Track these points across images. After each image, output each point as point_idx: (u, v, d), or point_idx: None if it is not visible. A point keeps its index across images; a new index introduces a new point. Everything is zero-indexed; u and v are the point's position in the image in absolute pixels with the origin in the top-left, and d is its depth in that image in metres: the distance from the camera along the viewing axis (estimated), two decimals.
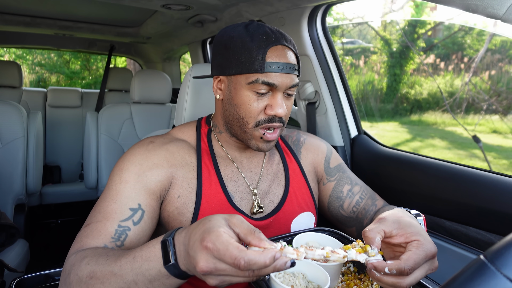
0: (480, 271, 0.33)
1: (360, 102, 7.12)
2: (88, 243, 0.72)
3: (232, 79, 0.85)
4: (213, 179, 0.90)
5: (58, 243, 2.81)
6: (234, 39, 0.83)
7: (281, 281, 0.65)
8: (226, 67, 0.84)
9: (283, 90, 0.84)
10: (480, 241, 1.05)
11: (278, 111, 0.82)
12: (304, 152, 1.06)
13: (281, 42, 0.83)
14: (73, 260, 0.69)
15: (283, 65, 0.81)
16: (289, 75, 0.83)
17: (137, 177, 0.80)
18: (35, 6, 2.18)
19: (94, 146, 2.30)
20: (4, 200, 1.90)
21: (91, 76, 8.94)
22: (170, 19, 2.14)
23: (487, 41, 6.05)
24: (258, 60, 0.80)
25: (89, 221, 0.76)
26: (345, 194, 1.05)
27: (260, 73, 0.80)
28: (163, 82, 2.40)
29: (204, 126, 0.98)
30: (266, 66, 0.80)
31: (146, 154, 0.85)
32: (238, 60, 0.81)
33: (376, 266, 0.61)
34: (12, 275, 1.40)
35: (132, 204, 0.77)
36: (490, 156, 5.14)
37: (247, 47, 0.80)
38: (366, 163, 1.48)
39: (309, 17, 1.50)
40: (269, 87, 0.82)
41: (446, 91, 6.51)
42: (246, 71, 0.81)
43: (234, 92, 0.84)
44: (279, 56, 0.81)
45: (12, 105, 2.03)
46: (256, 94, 0.82)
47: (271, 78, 0.80)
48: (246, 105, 0.83)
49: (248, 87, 0.82)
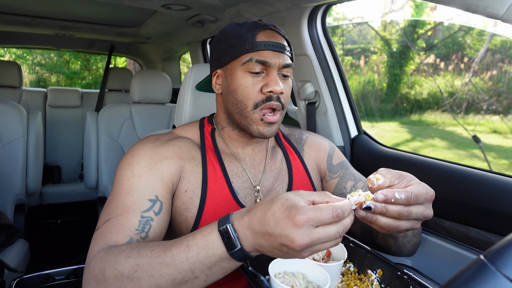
0: (480, 271, 0.33)
1: (360, 102, 7.12)
2: (114, 238, 0.70)
3: (227, 68, 0.88)
4: (218, 174, 0.90)
5: (58, 243, 2.81)
6: (226, 31, 0.89)
7: (281, 281, 0.65)
8: (221, 58, 0.88)
9: (277, 69, 0.86)
10: (480, 241, 1.05)
11: (274, 88, 0.83)
12: (307, 149, 1.07)
13: (270, 27, 0.87)
14: (105, 256, 0.65)
15: (274, 44, 0.84)
16: (281, 54, 0.85)
17: (149, 170, 0.81)
18: (35, 6, 2.18)
19: (94, 146, 2.30)
20: (4, 200, 1.90)
21: (91, 76, 8.94)
22: (170, 19, 2.14)
23: (487, 41, 6.05)
24: (248, 40, 0.83)
25: (107, 217, 0.74)
26: (349, 190, 1.05)
27: (252, 52, 0.83)
28: (163, 82, 2.40)
29: (207, 125, 1.00)
30: (257, 45, 0.83)
31: (155, 148, 0.86)
32: (231, 47, 0.85)
33: (386, 194, 0.60)
34: (12, 275, 1.40)
35: (150, 196, 0.77)
36: (490, 156, 5.14)
37: (238, 33, 0.85)
38: (366, 163, 1.48)
39: (309, 17, 1.50)
40: (262, 66, 0.84)
41: (446, 91, 6.51)
42: (238, 53, 0.84)
43: (230, 79, 0.87)
44: (268, 37, 0.85)
45: (12, 105, 2.03)
46: (251, 74, 0.85)
47: (263, 56, 0.83)
48: (242, 87, 0.85)
49: (242, 68, 0.85)
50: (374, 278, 0.76)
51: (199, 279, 0.62)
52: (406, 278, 0.71)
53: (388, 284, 0.74)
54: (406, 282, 0.71)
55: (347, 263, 0.82)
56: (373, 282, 0.75)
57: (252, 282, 0.63)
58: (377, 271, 0.77)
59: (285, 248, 0.56)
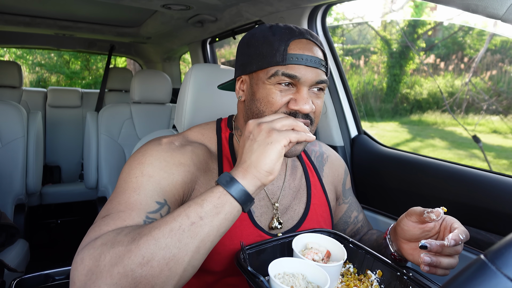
0: (481, 271, 0.33)
1: (360, 102, 7.12)
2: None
3: (253, 76, 0.80)
4: None
5: (58, 243, 2.81)
6: (256, 35, 0.80)
7: (281, 281, 0.65)
8: (248, 65, 0.80)
9: (309, 85, 0.77)
10: (480, 241, 1.05)
11: (303, 106, 0.75)
12: (326, 170, 1.03)
13: (306, 36, 0.78)
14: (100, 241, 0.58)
15: (307, 58, 0.75)
16: (315, 69, 0.76)
17: (162, 173, 0.74)
18: (35, 6, 2.18)
19: (94, 146, 2.30)
20: (4, 200, 1.90)
21: (91, 76, 8.94)
22: (170, 19, 2.14)
23: (487, 41, 6.04)
24: (279, 51, 0.75)
25: (107, 212, 0.66)
26: (352, 220, 1.06)
27: (282, 65, 0.75)
28: (163, 82, 2.40)
29: (225, 129, 0.92)
30: (288, 58, 0.75)
31: (172, 152, 0.79)
32: (260, 55, 0.77)
33: (455, 238, 0.66)
34: (12, 275, 1.40)
35: (158, 198, 0.70)
36: (490, 156, 5.14)
37: (269, 41, 0.77)
38: (366, 163, 1.47)
39: (309, 17, 1.49)
40: (291, 80, 0.76)
41: (446, 91, 6.51)
42: (267, 65, 0.76)
43: (255, 88, 0.80)
44: (303, 49, 0.76)
45: (12, 105, 2.03)
46: (278, 88, 0.76)
47: (293, 70, 0.75)
48: (268, 98, 0.77)
49: (269, 82, 0.77)
50: (373, 278, 0.76)
51: (195, 225, 0.57)
52: (405, 279, 0.71)
53: (388, 285, 0.74)
54: (406, 282, 0.71)
55: (347, 264, 0.82)
56: (372, 282, 0.75)
57: (252, 282, 0.63)
58: (376, 272, 0.77)
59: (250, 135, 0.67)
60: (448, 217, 0.74)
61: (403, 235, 0.78)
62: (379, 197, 1.39)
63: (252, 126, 0.67)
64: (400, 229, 0.78)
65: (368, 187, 1.45)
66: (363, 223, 1.08)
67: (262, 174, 0.63)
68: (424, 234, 0.75)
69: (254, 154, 0.63)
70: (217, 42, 2.62)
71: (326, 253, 0.76)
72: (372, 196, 1.43)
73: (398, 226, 0.79)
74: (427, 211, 0.73)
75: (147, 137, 1.23)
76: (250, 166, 0.63)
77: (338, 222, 1.06)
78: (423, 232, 0.75)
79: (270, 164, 0.62)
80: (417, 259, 0.75)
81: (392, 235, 0.83)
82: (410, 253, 0.77)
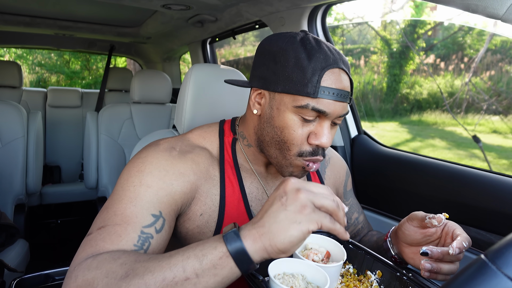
0: (481, 271, 0.33)
1: (360, 102, 7.12)
2: (106, 248, 0.62)
3: (276, 97, 0.75)
4: (237, 196, 0.83)
5: (58, 243, 2.81)
6: (287, 53, 0.72)
7: (280, 282, 0.65)
8: (272, 82, 0.74)
9: (332, 119, 0.74)
10: (480, 241, 1.05)
11: (323, 141, 0.73)
12: (328, 172, 1.02)
13: (339, 64, 0.73)
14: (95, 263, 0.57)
15: (338, 92, 0.72)
16: (342, 103, 0.73)
17: (161, 183, 0.72)
18: (35, 6, 2.18)
19: (94, 146, 2.30)
20: (4, 200, 1.90)
21: (91, 76, 8.94)
22: (170, 19, 2.14)
23: (487, 41, 6.04)
24: (312, 83, 0.70)
25: (103, 223, 0.66)
26: (352, 221, 1.05)
27: (312, 98, 0.71)
28: (163, 82, 2.40)
29: (229, 133, 0.89)
30: (320, 91, 0.70)
31: (172, 160, 0.76)
32: (288, 78, 0.72)
33: (459, 247, 0.66)
34: (12, 275, 1.40)
35: (153, 210, 0.69)
36: (490, 156, 5.14)
37: (302, 66, 0.70)
38: (366, 163, 1.47)
39: (309, 17, 1.49)
40: (318, 114, 0.73)
41: (446, 91, 6.51)
42: (296, 92, 0.71)
43: (276, 112, 0.75)
44: (336, 81, 0.72)
45: (12, 105, 2.03)
46: (301, 119, 0.73)
47: (323, 105, 0.71)
48: (289, 130, 0.74)
49: (294, 111, 0.73)
50: (373, 279, 0.76)
51: (189, 282, 0.54)
52: (405, 279, 0.71)
53: (388, 285, 0.74)
54: (406, 283, 0.71)
55: (347, 264, 0.82)
56: (372, 283, 0.75)
57: (252, 283, 0.63)
58: (376, 272, 0.77)
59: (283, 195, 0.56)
60: (450, 223, 0.73)
61: (404, 239, 0.77)
62: (379, 197, 1.39)
63: (290, 187, 0.56)
64: (401, 233, 0.78)
65: (368, 187, 1.45)
66: (363, 224, 1.08)
67: (274, 251, 0.55)
68: (425, 238, 0.75)
69: (276, 225, 0.54)
70: (217, 42, 2.62)
71: (326, 254, 0.76)
72: (372, 196, 1.43)
73: (399, 230, 0.79)
74: (428, 217, 0.72)
75: (147, 137, 1.23)
76: (265, 235, 0.55)
77: None
78: (424, 236, 0.75)
79: (288, 245, 0.54)
80: (418, 263, 0.75)
81: (393, 238, 0.83)
82: (411, 257, 0.77)
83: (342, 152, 1.53)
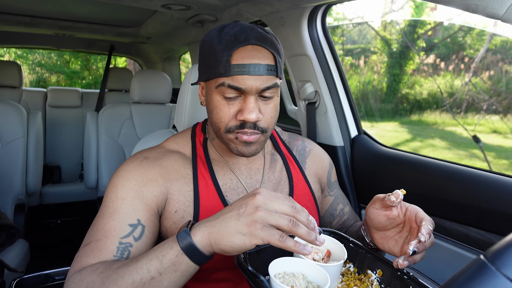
0: (480, 271, 0.33)
1: (360, 102, 7.12)
2: (89, 263, 0.70)
3: (206, 85, 0.83)
4: (211, 189, 0.87)
5: (58, 243, 2.81)
6: (205, 44, 0.79)
7: (281, 281, 0.65)
8: (201, 73, 0.82)
9: (255, 93, 0.77)
10: (480, 241, 1.05)
11: (248, 116, 0.76)
12: (309, 162, 1.04)
13: (251, 41, 0.76)
14: (79, 276, 0.66)
15: (252, 66, 0.75)
16: (260, 76, 0.76)
17: (133, 193, 0.78)
18: (35, 6, 2.18)
19: (94, 146, 2.30)
20: (4, 200, 1.90)
21: (91, 76, 8.94)
22: (170, 19, 2.14)
23: (487, 41, 6.05)
24: (222, 63, 0.75)
25: (88, 240, 0.74)
26: (338, 213, 1.08)
27: (226, 77, 0.75)
28: (163, 82, 2.40)
29: (199, 134, 0.95)
30: (231, 69, 0.74)
31: (141, 169, 0.82)
32: (207, 65, 0.78)
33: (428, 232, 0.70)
34: (12, 275, 1.40)
35: (131, 220, 0.75)
36: (490, 156, 5.14)
37: (214, 50, 0.76)
38: (366, 163, 1.48)
39: (309, 17, 1.49)
40: (238, 92, 0.77)
41: (446, 91, 6.51)
42: (213, 75, 0.77)
43: (208, 98, 0.82)
44: (247, 57, 0.75)
45: (12, 105, 2.03)
46: (225, 98, 0.78)
47: (237, 82, 0.75)
48: (217, 110, 0.80)
49: (216, 91, 0.78)
50: (374, 278, 0.76)
51: (155, 280, 0.62)
52: (406, 278, 0.71)
53: (388, 284, 0.74)
54: (406, 282, 0.71)
55: (347, 263, 0.82)
56: (373, 282, 0.75)
57: (252, 282, 0.63)
58: (377, 271, 0.77)
59: (243, 207, 0.62)
60: (411, 206, 0.76)
61: (371, 223, 0.80)
62: None
63: (252, 203, 0.62)
64: (368, 218, 0.81)
65: (368, 187, 1.45)
66: (349, 215, 1.10)
67: (218, 249, 0.62)
68: (389, 221, 0.78)
69: (224, 229, 0.61)
70: None
71: (326, 253, 0.76)
72: (372, 196, 1.43)
73: (366, 217, 0.82)
74: (387, 195, 0.75)
75: (147, 137, 1.23)
76: (213, 234, 0.62)
77: (325, 215, 1.07)
78: (388, 219, 0.78)
79: (229, 249, 0.61)
80: (387, 248, 0.79)
81: (365, 225, 0.85)
82: (380, 242, 0.80)
83: (342, 152, 1.53)
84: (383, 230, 0.80)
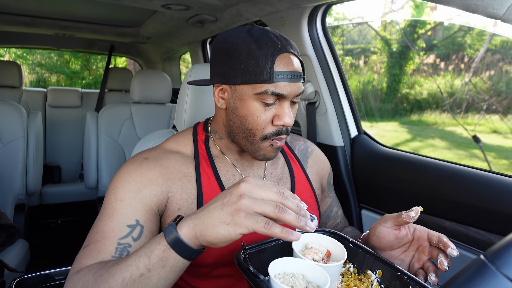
0: (480, 271, 0.33)
1: (360, 102, 7.12)
2: (88, 264, 0.71)
3: (236, 89, 0.81)
4: (214, 186, 0.87)
5: (58, 243, 2.81)
6: (239, 47, 0.78)
7: (281, 281, 0.65)
8: (230, 76, 0.80)
9: (290, 99, 0.81)
10: (480, 241, 1.05)
11: (286, 120, 0.80)
12: (311, 162, 1.06)
13: (288, 49, 0.79)
14: (77, 276, 0.67)
15: (291, 74, 0.78)
16: (296, 83, 0.80)
17: (132, 194, 0.78)
18: (35, 6, 2.18)
19: (94, 146, 2.30)
20: (4, 200, 1.90)
21: (91, 76, 8.94)
22: (170, 19, 2.14)
23: (487, 41, 6.05)
24: (266, 70, 0.76)
25: (88, 242, 0.75)
26: (333, 215, 1.10)
27: (269, 83, 0.77)
28: (163, 82, 2.40)
29: (201, 132, 0.95)
30: (275, 76, 0.77)
31: (140, 170, 0.82)
32: (245, 70, 0.78)
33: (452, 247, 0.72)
34: (12, 275, 1.40)
35: (129, 221, 0.75)
36: (490, 156, 5.14)
37: (254, 56, 0.76)
38: (366, 163, 1.48)
39: (309, 17, 1.49)
40: (277, 97, 0.79)
41: (446, 91, 6.51)
42: (253, 81, 0.77)
43: (239, 103, 0.81)
44: (287, 64, 0.78)
45: (12, 105, 2.03)
46: (263, 104, 0.79)
47: (280, 88, 0.78)
48: (253, 117, 0.80)
49: (255, 98, 0.79)
50: (373, 278, 0.76)
51: (144, 276, 0.62)
52: (406, 279, 0.71)
53: (388, 285, 0.74)
54: (406, 282, 0.71)
55: (347, 264, 0.82)
56: (372, 282, 0.75)
57: (252, 282, 0.63)
58: (376, 272, 0.77)
59: (227, 196, 0.61)
60: (418, 227, 0.78)
61: (378, 243, 0.81)
62: (379, 197, 1.39)
63: (236, 191, 0.61)
64: (375, 238, 0.81)
65: (368, 187, 1.45)
66: (341, 218, 1.13)
67: (204, 241, 0.61)
68: (398, 241, 0.79)
69: (209, 220, 0.61)
70: None
71: (326, 253, 0.76)
72: (372, 196, 1.43)
73: (373, 236, 0.82)
74: (405, 212, 0.77)
75: (147, 137, 1.23)
76: (198, 226, 0.61)
77: (322, 215, 1.09)
78: (396, 239, 0.79)
79: (215, 240, 0.60)
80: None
81: (364, 243, 0.86)
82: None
83: (342, 152, 1.53)
84: (389, 250, 0.80)
